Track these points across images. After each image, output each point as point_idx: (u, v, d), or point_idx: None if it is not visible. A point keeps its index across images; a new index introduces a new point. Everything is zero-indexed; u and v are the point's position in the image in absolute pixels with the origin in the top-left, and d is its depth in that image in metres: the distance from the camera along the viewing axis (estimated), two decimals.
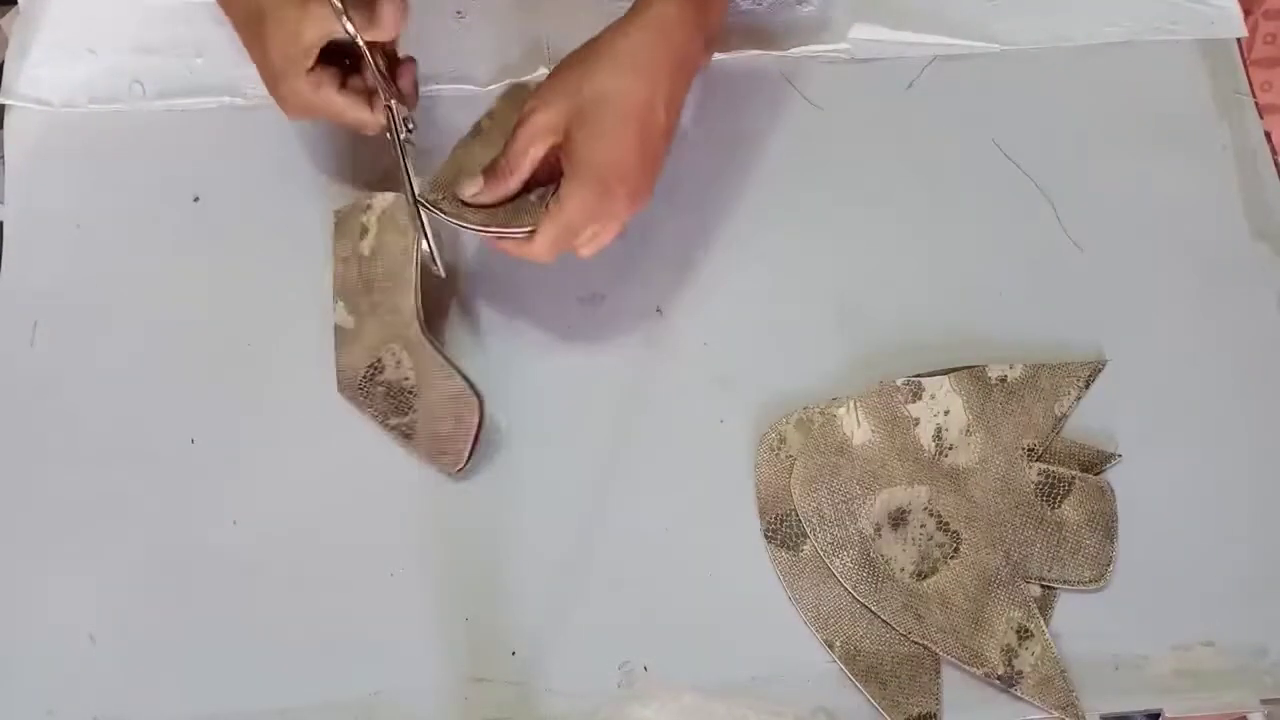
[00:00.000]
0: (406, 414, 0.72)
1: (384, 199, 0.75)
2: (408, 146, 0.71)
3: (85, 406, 0.74)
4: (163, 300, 0.77)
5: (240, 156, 0.80)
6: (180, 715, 0.68)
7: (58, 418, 0.74)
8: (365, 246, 0.75)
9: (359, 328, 0.74)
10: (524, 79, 0.81)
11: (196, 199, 0.79)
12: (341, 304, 0.75)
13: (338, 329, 0.75)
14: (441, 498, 0.72)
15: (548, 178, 0.68)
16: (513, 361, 0.75)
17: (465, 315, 0.76)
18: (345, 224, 0.76)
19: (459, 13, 0.84)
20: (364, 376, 0.73)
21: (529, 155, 0.67)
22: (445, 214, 0.70)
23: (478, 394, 0.70)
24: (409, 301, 0.72)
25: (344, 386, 0.74)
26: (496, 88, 0.82)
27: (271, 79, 0.69)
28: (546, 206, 0.67)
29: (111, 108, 0.82)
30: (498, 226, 0.69)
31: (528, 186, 0.69)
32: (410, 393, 0.72)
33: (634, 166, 0.66)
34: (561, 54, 0.81)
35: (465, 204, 0.69)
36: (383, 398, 0.72)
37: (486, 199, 0.69)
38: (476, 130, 0.75)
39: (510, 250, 0.69)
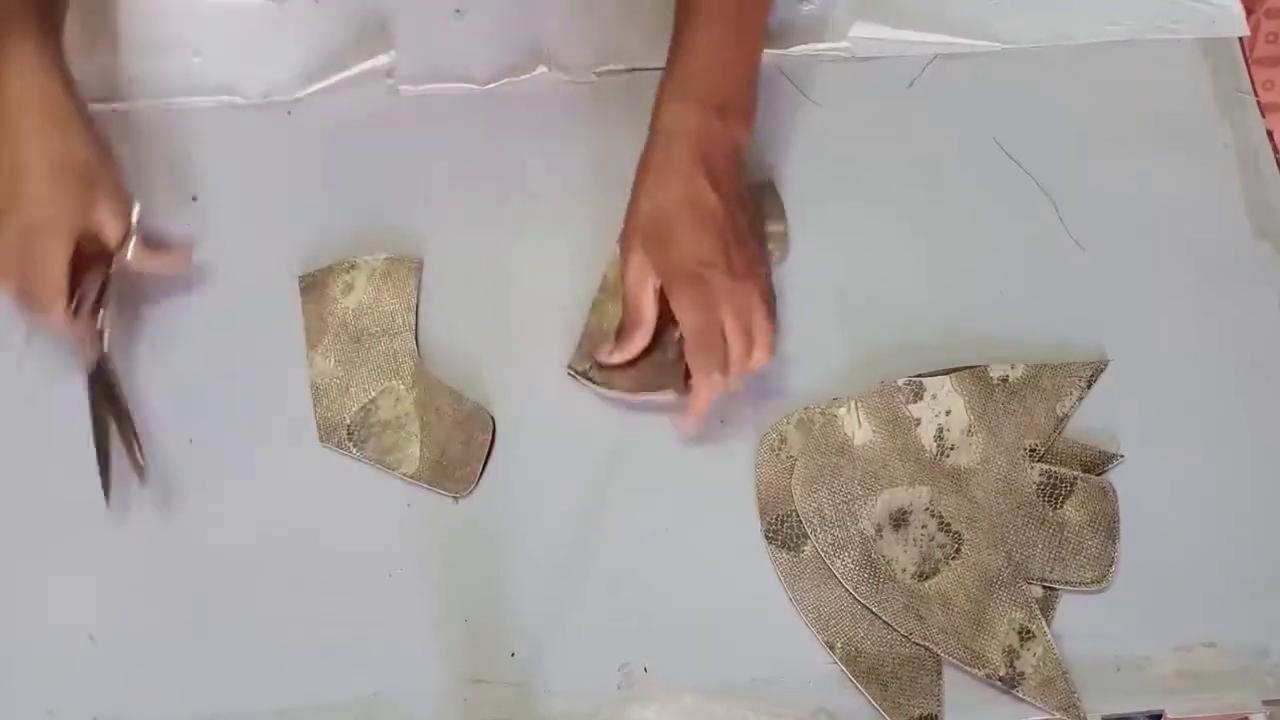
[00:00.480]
0: (406, 449, 0.72)
1: (371, 260, 0.76)
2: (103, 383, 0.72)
3: (83, 406, 0.73)
4: (162, 300, 0.76)
5: (238, 156, 0.80)
6: (180, 715, 0.68)
7: (58, 418, 0.74)
8: (351, 302, 0.75)
9: (348, 377, 0.74)
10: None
11: (195, 198, 0.79)
12: (319, 359, 0.75)
13: (318, 388, 0.74)
14: (441, 499, 0.72)
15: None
16: (512, 362, 0.75)
17: (464, 314, 0.76)
18: (320, 285, 0.76)
19: (459, 11, 0.84)
20: (355, 421, 0.73)
21: (643, 303, 0.70)
22: (595, 384, 0.72)
23: (490, 414, 0.72)
24: (409, 344, 0.74)
25: (328, 437, 0.73)
26: (495, 86, 0.82)
27: (32, 217, 0.67)
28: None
29: (110, 106, 0.82)
30: (644, 390, 0.72)
31: (661, 339, 0.71)
32: (409, 427, 0.73)
33: (711, 250, 0.68)
34: (561, 53, 0.81)
35: (607, 368, 0.72)
36: (378, 436, 0.73)
37: (620, 357, 0.71)
38: (604, 286, 0.76)
39: (685, 420, 0.71)
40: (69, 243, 0.68)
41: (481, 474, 0.72)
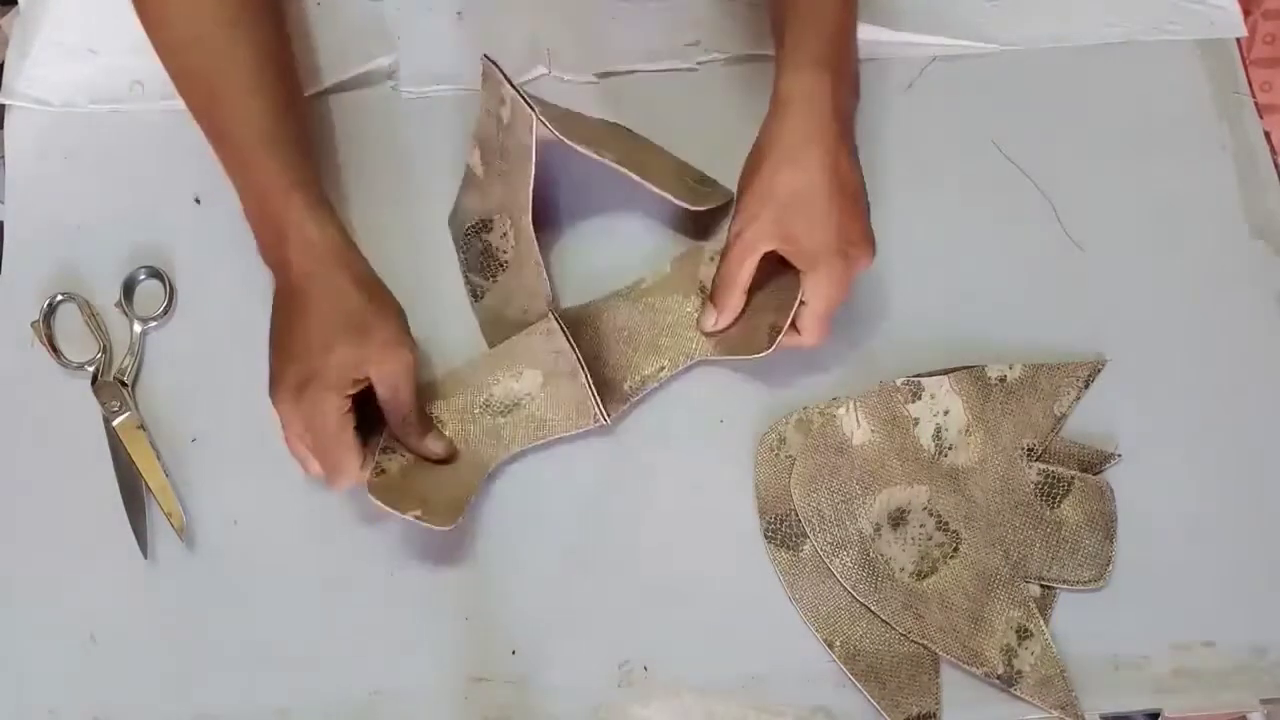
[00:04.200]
0: (488, 279, 0.74)
1: (509, 91, 0.71)
2: None
3: (85, 406, 0.74)
4: (162, 301, 0.77)
5: None
6: (180, 715, 0.68)
7: (58, 417, 0.74)
8: (505, 114, 0.73)
9: (486, 182, 0.75)
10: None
11: (198, 200, 0.79)
12: (478, 151, 0.75)
13: (469, 170, 0.75)
14: None
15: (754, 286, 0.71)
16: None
17: (465, 316, 0.76)
18: (489, 82, 0.74)
19: (459, 14, 0.84)
20: (472, 226, 0.75)
21: (745, 266, 0.69)
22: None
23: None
24: (527, 188, 0.71)
25: (453, 223, 0.76)
26: None
27: (309, 371, 0.65)
28: (795, 304, 0.69)
29: (111, 108, 0.82)
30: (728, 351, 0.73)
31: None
32: (501, 266, 0.74)
33: (855, 226, 0.68)
34: (561, 54, 0.81)
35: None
36: (477, 254, 0.75)
37: (725, 323, 0.72)
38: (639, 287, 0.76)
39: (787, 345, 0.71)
40: (342, 397, 0.66)
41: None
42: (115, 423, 0.73)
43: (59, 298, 0.76)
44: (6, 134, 0.82)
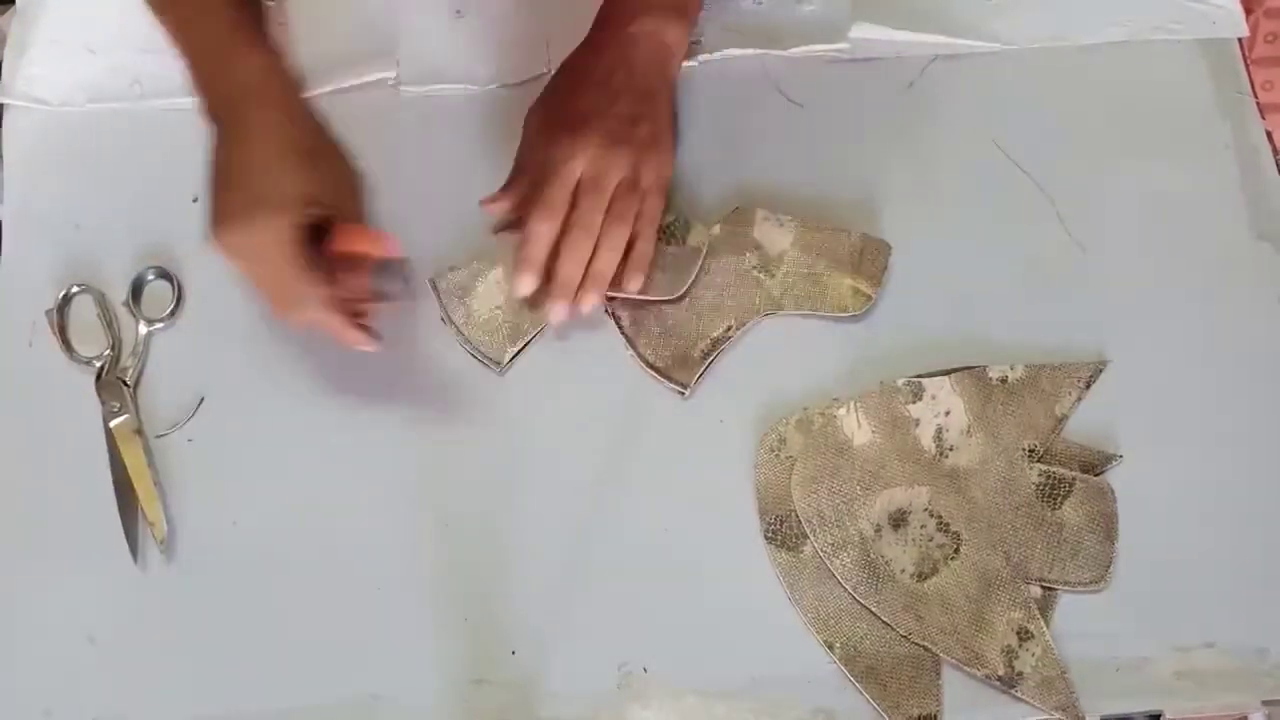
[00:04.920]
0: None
1: None
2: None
3: (84, 406, 0.74)
4: (161, 300, 0.76)
5: None
6: (180, 716, 0.68)
7: (57, 418, 0.74)
8: None
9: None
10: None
11: (195, 199, 0.79)
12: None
13: None
14: (441, 498, 0.72)
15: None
16: (512, 362, 0.75)
17: None
18: None
19: (458, 12, 0.84)
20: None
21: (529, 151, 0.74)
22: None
23: None
24: None
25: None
26: (495, 87, 0.82)
27: (253, 196, 0.62)
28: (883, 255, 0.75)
29: (110, 107, 0.82)
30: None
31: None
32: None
33: (600, 104, 0.72)
34: (561, 53, 0.81)
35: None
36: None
37: (502, 201, 0.74)
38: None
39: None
40: (292, 221, 0.62)
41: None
42: (112, 424, 0.72)
43: (75, 289, 0.76)
44: (5, 133, 0.82)
